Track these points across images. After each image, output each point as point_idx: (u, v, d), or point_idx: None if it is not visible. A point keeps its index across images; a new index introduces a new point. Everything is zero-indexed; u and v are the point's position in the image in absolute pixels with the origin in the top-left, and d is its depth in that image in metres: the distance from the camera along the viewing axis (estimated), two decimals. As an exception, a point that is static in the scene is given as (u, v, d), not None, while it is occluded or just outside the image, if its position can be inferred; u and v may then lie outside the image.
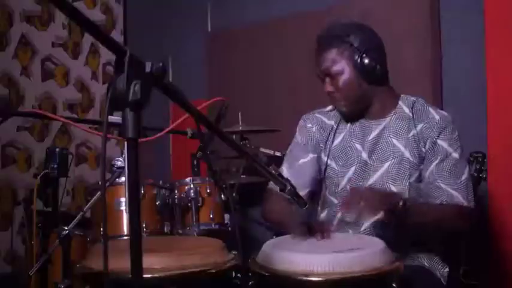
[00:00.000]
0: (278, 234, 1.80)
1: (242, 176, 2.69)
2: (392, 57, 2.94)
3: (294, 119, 2.03)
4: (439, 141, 1.73)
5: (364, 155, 1.80)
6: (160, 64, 0.88)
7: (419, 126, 1.77)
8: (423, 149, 1.75)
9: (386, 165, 1.77)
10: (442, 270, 1.77)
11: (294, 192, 1.40)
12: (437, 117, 1.77)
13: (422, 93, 2.67)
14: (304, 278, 1.26)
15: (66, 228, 1.81)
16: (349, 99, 1.78)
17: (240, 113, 2.72)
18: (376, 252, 1.35)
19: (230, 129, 2.67)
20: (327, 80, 1.78)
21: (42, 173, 2.27)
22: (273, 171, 1.37)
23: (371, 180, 1.78)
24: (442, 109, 2.61)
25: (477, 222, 1.77)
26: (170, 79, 3.61)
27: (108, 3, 3.92)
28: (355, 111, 1.82)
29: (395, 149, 1.77)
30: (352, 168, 1.81)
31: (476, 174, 1.98)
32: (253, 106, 3.21)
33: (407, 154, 1.75)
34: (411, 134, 1.77)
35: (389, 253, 1.39)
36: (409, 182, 1.74)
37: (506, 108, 2.52)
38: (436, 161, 1.72)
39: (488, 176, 2.02)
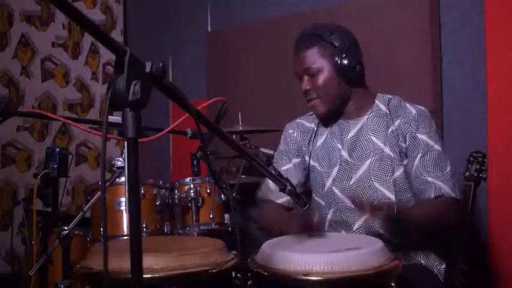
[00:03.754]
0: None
1: (242, 176, 2.70)
2: (393, 57, 2.96)
3: (293, 119, 2.03)
4: (419, 135, 1.74)
5: (345, 154, 1.82)
6: (160, 64, 0.88)
7: (396, 122, 1.78)
8: (403, 145, 1.76)
9: (367, 162, 1.78)
10: (439, 267, 1.78)
11: (293, 193, 1.40)
12: (413, 111, 1.78)
13: (422, 93, 2.70)
14: (303, 278, 1.26)
15: (66, 228, 1.81)
16: (326, 98, 1.79)
17: (240, 113, 2.72)
18: (374, 252, 1.35)
19: (230, 129, 2.67)
20: (305, 78, 1.80)
21: (42, 173, 2.27)
22: (273, 171, 1.37)
23: (354, 179, 1.79)
24: (442, 109, 2.61)
25: (473, 219, 1.77)
26: (170, 79, 3.61)
27: (108, 3, 3.92)
28: (331, 111, 1.83)
29: (375, 146, 1.78)
30: (336, 168, 1.82)
31: (476, 174, 1.98)
32: (253, 106, 3.22)
33: (387, 150, 1.76)
34: (390, 130, 1.78)
35: (387, 252, 1.40)
36: (394, 179, 1.75)
37: (506, 108, 2.53)
38: (420, 155, 1.72)
39: (488, 176, 2.02)
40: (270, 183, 1.92)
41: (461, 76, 2.71)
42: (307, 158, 1.90)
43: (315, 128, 1.91)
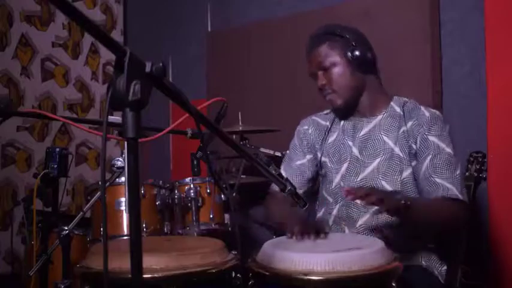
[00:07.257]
0: (278, 235, 1.80)
1: (242, 176, 2.69)
2: (392, 57, 2.95)
3: (294, 119, 2.03)
4: (430, 137, 1.75)
5: (355, 151, 1.83)
6: (160, 64, 0.88)
7: (409, 123, 1.79)
8: (414, 146, 1.76)
9: (376, 161, 1.79)
10: (440, 269, 1.78)
11: (294, 192, 1.40)
12: (427, 114, 1.79)
13: (422, 94, 2.69)
14: (304, 277, 1.26)
15: (66, 228, 1.81)
16: (342, 90, 1.80)
17: (240, 113, 2.72)
18: (375, 252, 1.35)
19: (230, 129, 2.67)
20: (320, 73, 1.82)
21: (42, 173, 2.26)
22: (273, 171, 1.37)
23: (362, 176, 1.80)
24: (442, 109, 2.61)
25: (473, 219, 1.77)
26: (170, 79, 3.61)
27: (108, 3, 3.92)
28: (348, 103, 1.83)
29: (385, 146, 1.79)
30: (345, 165, 1.84)
31: (476, 174, 1.97)
32: (253, 106, 3.21)
33: (397, 150, 1.77)
34: (401, 130, 1.79)
35: (388, 252, 1.40)
36: (401, 179, 1.75)
37: (506, 108, 2.53)
38: (430, 157, 1.73)
39: (488, 176, 2.02)
40: None
41: (461, 76, 2.71)
42: (319, 155, 1.92)
43: (329, 126, 1.93)
